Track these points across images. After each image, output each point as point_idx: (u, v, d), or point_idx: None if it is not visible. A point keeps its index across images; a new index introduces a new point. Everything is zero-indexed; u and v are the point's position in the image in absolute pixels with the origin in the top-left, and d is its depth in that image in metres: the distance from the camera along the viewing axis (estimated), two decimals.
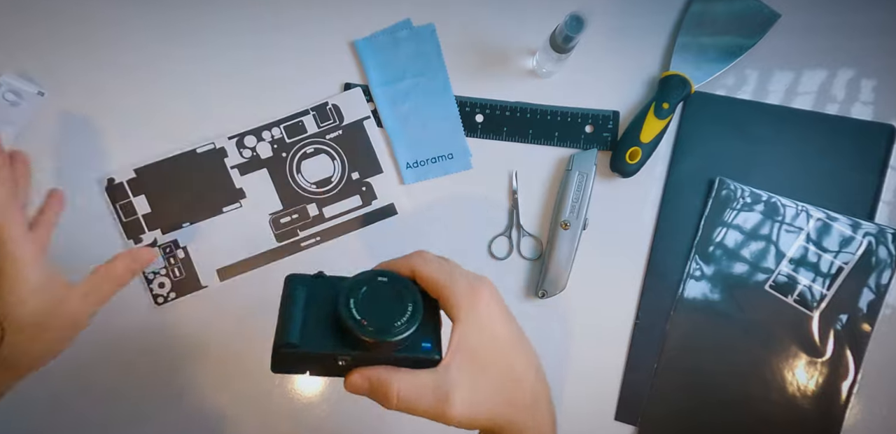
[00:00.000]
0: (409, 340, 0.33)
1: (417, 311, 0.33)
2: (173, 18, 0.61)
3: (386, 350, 0.33)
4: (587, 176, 0.59)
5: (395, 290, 0.34)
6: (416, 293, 0.34)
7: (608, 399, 0.60)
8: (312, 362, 0.34)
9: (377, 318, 0.32)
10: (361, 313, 0.32)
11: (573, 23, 0.51)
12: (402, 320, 0.32)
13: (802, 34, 0.61)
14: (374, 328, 0.32)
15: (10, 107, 0.58)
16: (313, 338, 0.33)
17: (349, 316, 0.32)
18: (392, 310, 0.33)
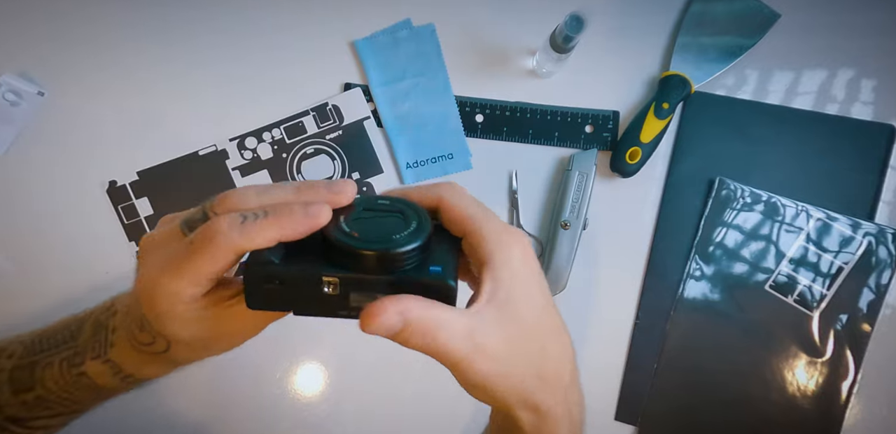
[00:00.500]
0: (413, 260, 0.26)
1: (423, 228, 0.27)
2: (174, 19, 0.61)
3: (382, 269, 0.26)
4: (587, 176, 0.59)
5: (397, 210, 0.28)
6: (423, 215, 0.28)
7: (608, 399, 0.60)
8: (295, 292, 0.26)
9: (372, 232, 0.26)
10: (354, 227, 0.26)
11: (573, 23, 0.51)
12: (402, 234, 0.26)
13: (802, 34, 0.61)
14: (366, 238, 0.26)
15: (10, 107, 0.58)
16: (296, 261, 0.26)
17: (337, 230, 0.26)
18: (391, 226, 0.27)
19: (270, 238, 0.25)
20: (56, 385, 0.34)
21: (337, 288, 0.26)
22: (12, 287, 0.59)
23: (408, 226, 0.27)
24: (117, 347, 0.32)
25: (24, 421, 0.36)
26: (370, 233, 0.26)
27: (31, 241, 0.59)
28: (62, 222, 0.60)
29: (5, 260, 0.59)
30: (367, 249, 0.25)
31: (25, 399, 0.35)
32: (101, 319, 0.33)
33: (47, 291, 0.59)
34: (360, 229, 0.26)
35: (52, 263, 0.59)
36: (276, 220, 0.25)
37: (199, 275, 0.26)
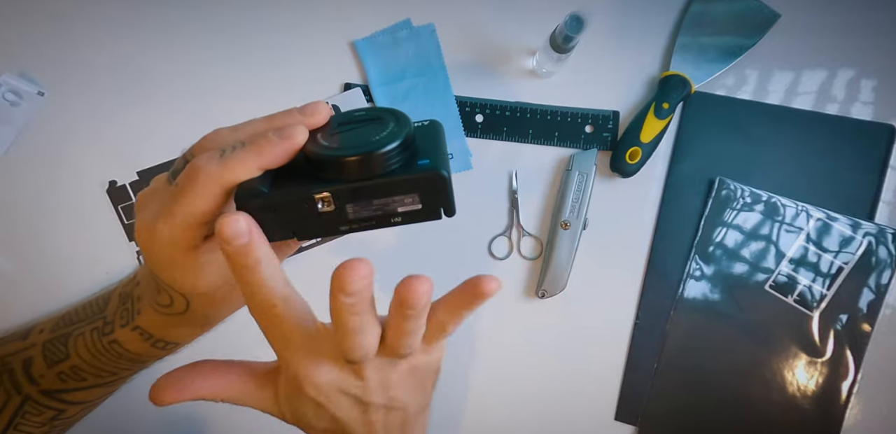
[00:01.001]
0: (399, 159, 0.26)
1: (402, 125, 0.26)
2: (174, 20, 0.61)
3: (370, 172, 0.25)
4: (587, 176, 0.59)
5: (374, 117, 0.27)
6: (402, 115, 0.27)
7: (608, 399, 0.60)
8: (292, 216, 0.26)
9: (351, 140, 0.26)
10: (331, 140, 0.26)
11: (573, 23, 0.51)
12: (381, 134, 0.26)
13: (802, 34, 0.61)
14: (346, 146, 0.25)
15: (10, 107, 0.58)
16: (284, 186, 0.26)
17: (316, 145, 0.26)
18: (370, 131, 0.26)
19: (251, 167, 0.25)
20: (90, 354, 0.34)
21: (331, 203, 0.25)
22: (12, 287, 0.59)
23: (385, 127, 0.26)
24: (143, 314, 0.32)
25: (61, 393, 0.36)
26: (349, 141, 0.26)
27: (31, 241, 0.59)
28: (62, 222, 0.60)
29: (5, 260, 0.59)
30: (348, 156, 0.25)
31: (61, 370, 0.35)
32: (127, 290, 0.34)
33: (47, 291, 0.59)
34: (340, 140, 0.26)
35: (52, 263, 0.59)
36: (254, 147, 0.25)
37: (189, 215, 0.26)
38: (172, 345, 0.34)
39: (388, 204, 0.26)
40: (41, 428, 0.37)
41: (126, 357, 0.34)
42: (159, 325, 0.33)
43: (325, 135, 0.27)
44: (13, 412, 0.36)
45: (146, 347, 0.34)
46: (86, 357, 0.34)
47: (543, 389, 0.60)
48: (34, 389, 0.36)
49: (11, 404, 0.36)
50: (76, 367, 0.35)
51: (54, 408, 0.36)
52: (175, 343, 0.34)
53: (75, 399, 0.36)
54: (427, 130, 0.28)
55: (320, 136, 0.26)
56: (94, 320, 0.34)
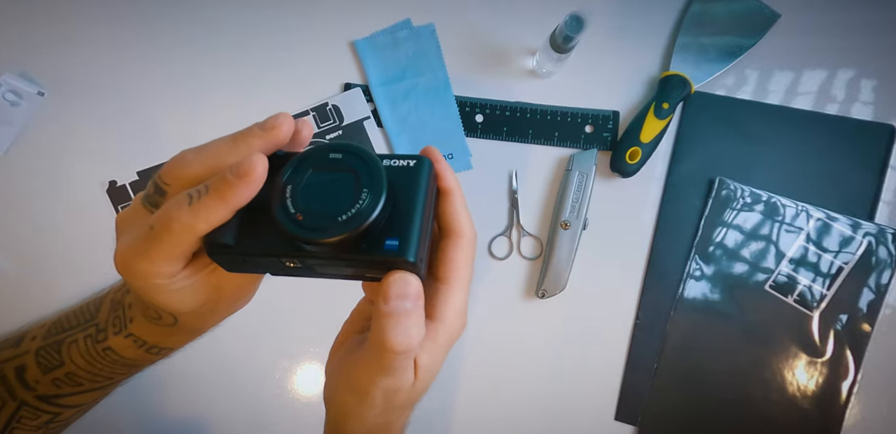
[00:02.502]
0: (369, 236, 0.24)
1: (376, 199, 0.24)
2: (174, 20, 0.61)
3: (336, 250, 0.25)
4: (587, 176, 0.59)
5: (349, 168, 0.25)
6: (377, 172, 0.24)
7: (608, 399, 0.60)
8: (262, 264, 0.26)
9: (317, 210, 0.24)
10: (299, 204, 0.24)
11: (573, 23, 0.51)
12: (349, 213, 0.24)
13: (802, 34, 0.61)
14: (308, 226, 0.24)
15: (10, 107, 0.58)
16: (253, 235, 0.25)
17: (281, 209, 0.24)
18: (340, 199, 0.24)
19: (222, 213, 0.24)
20: (84, 361, 0.34)
21: (298, 264, 0.26)
22: (12, 287, 0.59)
23: (357, 198, 0.24)
24: (136, 322, 0.32)
25: (55, 398, 0.36)
26: (315, 214, 0.24)
27: (31, 241, 0.59)
28: (62, 222, 0.60)
29: (5, 260, 0.59)
30: (311, 239, 0.24)
31: (56, 376, 0.35)
32: (118, 297, 0.34)
33: (47, 292, 0.59)
34: (306, 209, 0.24)
35: (52, 264, 0.59)
36: (217, 193, 0.24)
37: (166, 257, 0.26)
38: (167, 350, 0.34)
39: (354, 272, 0.26)
40: (36, 431, 0.37)
41: (121, 363, 0.34)
42: (153, 334, 0.32)
43: (295, 187, 0.25)
44: (8, 417, 0.36)
45: (140, 353, 0.34)
46: (80, 363, 0.34)
47: (543, 389, 0.60)
48: (30, 395, 0.36)
49: (6, 410, 0.36)
50: (71, 373, 0.35)
51: (49, 412, 0.36)
52: (169, 348, 0.34)
53: (71, 403, 0.37)
54: (407, 176, 0.26)
55: (289, 190, 0.25)
56: (86, 327, 0.34)
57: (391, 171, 0.26)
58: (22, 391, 0.36)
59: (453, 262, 0.28)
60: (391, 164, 0.26)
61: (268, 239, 0.25)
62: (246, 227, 0.25)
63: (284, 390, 0.60)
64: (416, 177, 0.26)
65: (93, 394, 0.37)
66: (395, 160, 0.26)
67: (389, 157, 0.26)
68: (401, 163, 0.26)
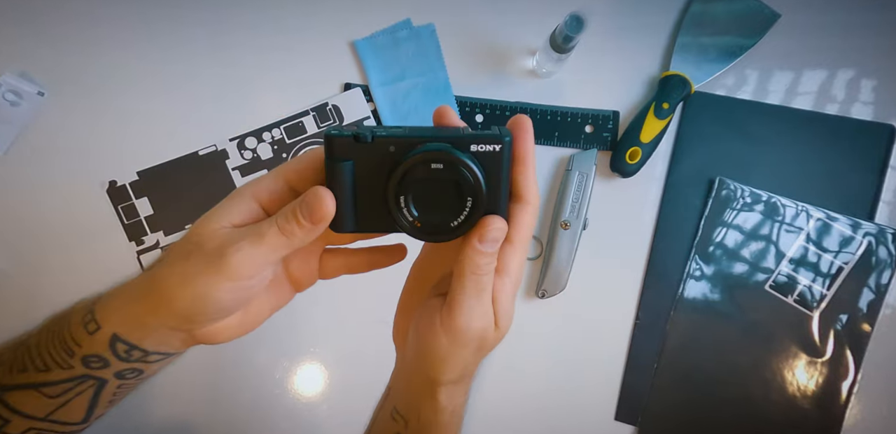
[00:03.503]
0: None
1: (479, 205, 0.29)
2: (174, 21, 0.61)
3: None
4: (587, 176, 0.59)
5: (453, 181, 0.29)
6: (476, 183, 0.29)
7: (608, 399, 0.60)
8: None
9: (432, 218, 0.30)
10: (414, 213, 0.30)
11: (573, 23, 0.51)
12: (458, 220, 0.30)
13: (802, 34, 0.61)
14: (427, 230, 0.30)
15: (10, 107, 0.58)
16: (370, 219, 0.31)
17: (401, 217, 0.30)
18: (449, 206, 0.29)
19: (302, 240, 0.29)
20: (44, 337, 0.34)
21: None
22: (12, 287, 0.59)
23: (463, 206, 0.29)
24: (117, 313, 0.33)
25: (8, 391, 0.34)
26: (430, 222, 0.30)
27: (31, 241, 0.59)
28: (62, 222, 0.60)
29: (5, 260, 0.59)
30: (430, 240, 0.31)
31: (17, 349, 0.35)
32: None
33: (47, 292, 0.59)
34: (421, 217, 0.30)
35: (52, 263, 0.59)
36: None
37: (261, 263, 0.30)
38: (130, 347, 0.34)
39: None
40: None
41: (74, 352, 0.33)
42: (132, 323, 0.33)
43: (408, 195, 0.30)
44: None
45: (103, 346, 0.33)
46: (37, 340, 0.34)
47: (543, 389, 0.60)
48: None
49: None
50: (28, 347, 0.34)
51: (2, 416, 0.34)
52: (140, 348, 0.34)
53: (22, 406, 0.34)
54: (493, 159, 0.30)
55: (404, 200, 0.29)
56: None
57: (479, 156, 0.30)
58: None
59: (519, 226, 0.31)
60: (478, 150, 0.30)
61: (385, 220, 0.30)
62: (361, 215, 0.31)
63: (284, 390, 0.60)
64: (500, 160, 0.30)
65: (45, 400, 0.34)
66: (482, 145, 0.30)
67: (475, 141, 0.30)
68: (487, 148, 0.30)
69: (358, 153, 0.29)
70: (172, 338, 0.33)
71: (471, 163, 0.29)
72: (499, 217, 0.29)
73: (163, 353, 0.34)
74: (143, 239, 0.59)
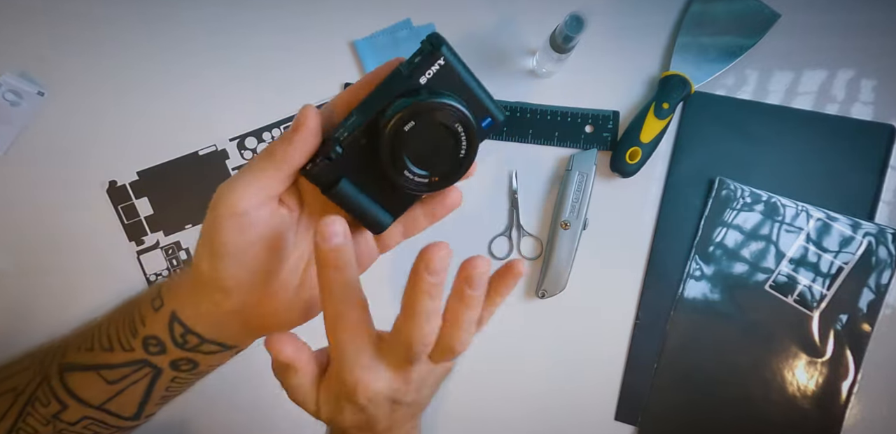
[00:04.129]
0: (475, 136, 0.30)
1: (468, 125, 0.29)
2: (174, 20, 0.61)
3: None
4: (587, 176, 0.59)
5: (433, 125, 0.29)
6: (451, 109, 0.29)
7: (608, 399, 0.60)
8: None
9: (438, 163, 0.30)
10: (424, 171, 0.29)
11: (573, 23, 0.51)
12: (462, 149, 0.29)
13: (802, 34, 0.61)
14: (445, 177, 0.30)
15: (10, 107, 0.58)
16: (397, 202, 0.31)
17: (419, 186, 0.30)
18: (445, 144, 0.29)
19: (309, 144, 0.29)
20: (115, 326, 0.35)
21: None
22: (12, 287, 0.59)
23: (457, 138, 0.29)
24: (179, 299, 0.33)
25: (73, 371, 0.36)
26: (443, 167, 0.30)
27: (31, 241, 0.59)
28: (62, 223, 0.60)
29: (5, 260, 0.59)
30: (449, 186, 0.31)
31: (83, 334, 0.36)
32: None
33: (47, 292, 0.59)
34: (432, 169, 0.30)
35: (52, 264, 0.59)
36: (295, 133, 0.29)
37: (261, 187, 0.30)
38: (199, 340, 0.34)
39: None
40: (46, 427, 0.36)
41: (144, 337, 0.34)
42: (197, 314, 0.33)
43: (406, 171, 0.29)
44: (28, 397, 0.36)
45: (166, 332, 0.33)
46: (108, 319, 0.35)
47: (543, 389, 0.60)
48: (55, 365, 0.36)
49: (29, 387, 0.36)
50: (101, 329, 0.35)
51: (60, 400, 0.35)
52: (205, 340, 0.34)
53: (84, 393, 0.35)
54: (446, 72, 0.30)
55: (402, 172, 0.29)
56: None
57: (434, 80, 0.30)
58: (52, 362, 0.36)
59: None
60: (428, 76, 0.30)
61: (409, 196, 0.31)
62: (387, 203, 0.31)
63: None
64: (453, 69, 0.30)
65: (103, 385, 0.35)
66: (428, 71, 0.30)
67: (420, 71, 0.30)
68: (433, 69, 0.30)
69: (343, 167, 0.30)
70: (224, 322, 0.33)
71: (432, 99, 0.29)
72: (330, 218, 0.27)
73: (219, 344, 0.34)
74: (143, 239, 0.59)
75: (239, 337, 0.34)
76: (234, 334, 0.34)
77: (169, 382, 0.35)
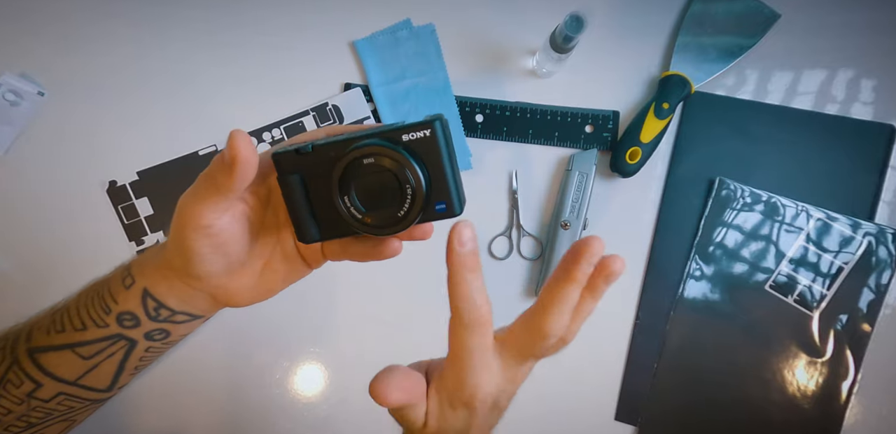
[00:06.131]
0: (423, 213, 0.31)
1: (419, 192, 0.30)
2: (174, 20, 0.61)
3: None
4: (587, 176, 0.59)
5: (390, 172, 0.30)
6: (410, 169, 0.30)
7: (608, 399, 0.60)
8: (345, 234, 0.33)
9: (378, 211, 0.30)
10: (361, 209, 0.30)
11: (573, 23, 0.51)
12: (403, 210, 0.30)
13: (802, 34, 0.61)
14: (377, 224, 0.30)
15: (10, 107, 0.58)
16: (331, 222, 0.31)
17: (351, 218, 0.31)
18: (391, 197, 0.30)
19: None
20: (82, 301, 0.37)
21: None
22: (12, 287, 0.59)
23: (405, 195, 0.30)
24: (148, 276, 0.35)
25: (43, 352, 0.37)
26: (378, 215, 0.30)
27: (31, 241, 0.59)
28: (62, 222, 0.60)
29: (5, 260, 0.59)
30: (384, 234, 0.31)
31: (54, 315, 0.38)
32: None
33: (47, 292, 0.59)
34: (369, 212, 0.30)
35: (52, 263, 0.59)
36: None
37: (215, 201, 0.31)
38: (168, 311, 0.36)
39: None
40: (20, 406, 0.37)
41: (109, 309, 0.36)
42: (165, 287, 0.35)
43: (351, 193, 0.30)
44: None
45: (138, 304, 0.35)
46: (77, 302, 0.37)
47: (543, 389, 0.60)
48: (23, 348, 0.37)
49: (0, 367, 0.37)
50: (68, 309, 0.37)
51: (34, 379, 0.36)
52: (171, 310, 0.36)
53: (55, 369, 0.36)
54: (428, 145, 0.30)
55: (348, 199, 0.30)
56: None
57: (414, 144, 0.30)
58: (18, 346, 0.37)
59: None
60: (410, 138, 0.30)
61: (344, 224, 0.31)
62: (322, 221, 0.32)
63: (284, 390, 0.60)
64: (435, 145, 0.30)
65: (78, 361, 0.36)
66: (412, 134, 0.30)
67: (405, 131, 0.30)
68: (418, 135, 0.30)
69: (303, 165, 0.31)
70: (194, 297, 0.35)
71: (401, 151, 0.29)
72: (462, 223, 0.29)
73: (189, 314, 0.36)
74: (143, 239, 0.59)
75: (207, 308, 0.36)
76: (203, 307, 0.36)
77: (143, 352, 0.37)
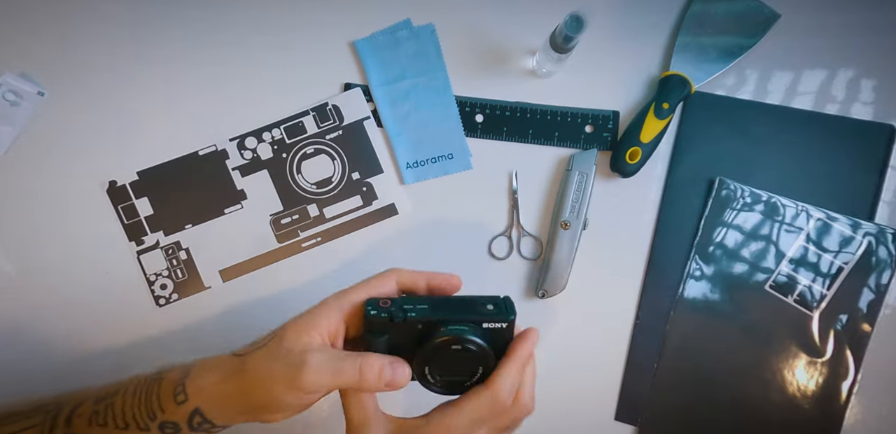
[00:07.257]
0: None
1: (486, 372, 0.38)
2: (174, 20, 0.61)
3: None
4: (587, 176, 0.59)
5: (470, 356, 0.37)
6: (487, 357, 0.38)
7: (608, 399, 0.60)
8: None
9: (449, 380, 0.39)
10: (436, 376, 0.38)
11: (573, 23, 0.51)
12: (471, 382, 0.39)
13: (802, 34, 0.61)
14: (445, 387, 0.39)
15: (10, 107, 0.58)
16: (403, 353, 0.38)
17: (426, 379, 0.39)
18: (463, 369, 0.38)
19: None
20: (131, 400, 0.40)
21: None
22: (12, 287, 0.59)
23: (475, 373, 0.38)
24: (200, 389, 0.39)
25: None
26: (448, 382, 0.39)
27: (31, 241, 0.59)
28: (62, 222, 0.60)
29: (5, 260, 0.59)
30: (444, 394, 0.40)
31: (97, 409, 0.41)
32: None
33: (47, 292, 0.59)
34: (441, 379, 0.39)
35: (52, 264, 0.59)
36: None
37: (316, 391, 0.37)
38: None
39: None
40: None
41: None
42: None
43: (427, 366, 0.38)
44: None
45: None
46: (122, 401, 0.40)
47: (543, 389, 0.60)
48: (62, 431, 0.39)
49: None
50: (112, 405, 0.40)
51: None
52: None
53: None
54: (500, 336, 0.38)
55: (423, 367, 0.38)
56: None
57: (490, 332, 0.38)
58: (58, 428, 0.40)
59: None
60: (489, 327, 0.38)
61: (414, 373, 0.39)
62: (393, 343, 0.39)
63: None
64: (506, 335, 0.39)
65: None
66: (492, 323, 0.38)
67: (487, 320, 0.38)
68: (496, 325, 0.38)
69: (392, 329, 0.37)
70: (240, 418, 0.38)
71: (482, 342, 0.37)
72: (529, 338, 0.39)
73: (225, 427, 0.39)
74: (143, 239, 0.59)
75: (240, 421, 0.39)
76: (243, 421, 0.39)
77: None
